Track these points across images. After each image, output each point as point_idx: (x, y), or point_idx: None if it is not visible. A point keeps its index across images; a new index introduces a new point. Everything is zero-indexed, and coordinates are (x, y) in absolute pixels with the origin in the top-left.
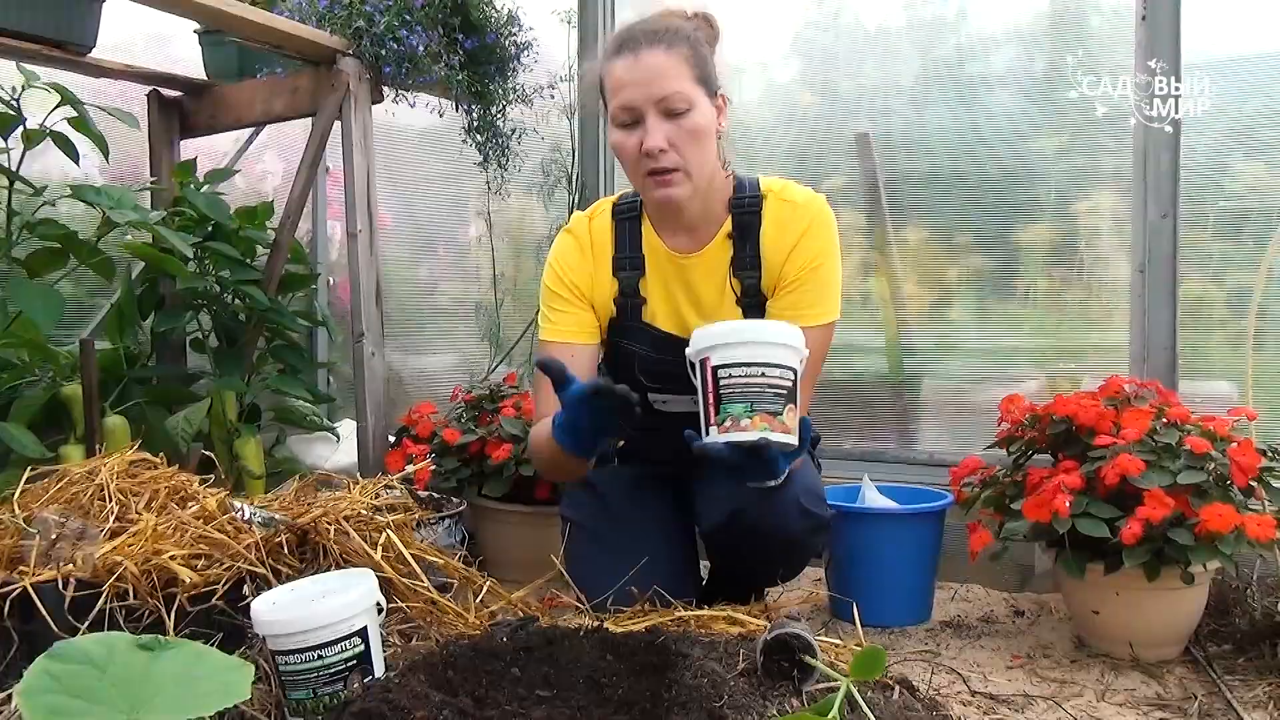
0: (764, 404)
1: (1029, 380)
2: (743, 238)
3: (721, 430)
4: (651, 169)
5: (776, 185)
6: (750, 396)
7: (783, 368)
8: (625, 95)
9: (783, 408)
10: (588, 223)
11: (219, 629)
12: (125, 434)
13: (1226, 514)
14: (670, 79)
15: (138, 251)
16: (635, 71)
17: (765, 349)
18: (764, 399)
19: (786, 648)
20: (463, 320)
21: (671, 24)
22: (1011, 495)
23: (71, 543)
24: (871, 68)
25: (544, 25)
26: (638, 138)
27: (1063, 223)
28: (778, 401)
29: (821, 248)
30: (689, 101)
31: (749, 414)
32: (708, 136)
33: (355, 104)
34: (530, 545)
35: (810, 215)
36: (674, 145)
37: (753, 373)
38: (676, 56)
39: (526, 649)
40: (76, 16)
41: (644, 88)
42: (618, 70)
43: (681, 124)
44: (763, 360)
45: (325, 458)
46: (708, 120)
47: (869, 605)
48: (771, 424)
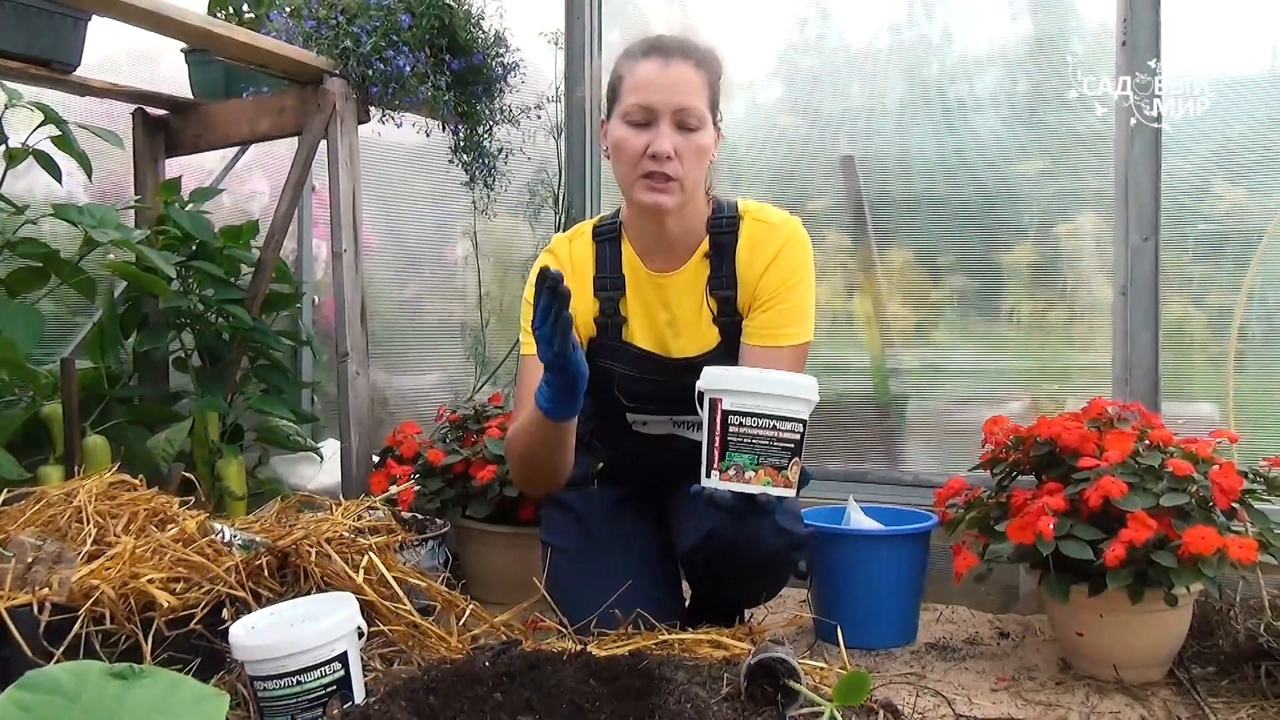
0: (771, 458)
1: (1013, 401)
2: (719, 257)
3: (724, 477)
4: (650, 171)
5: (753, 206)
6: (758, 449)
7: (794, 421)
8: (646, 96)
9: (788, 462)
10: (568, 244)
11: (197, 654)
12: (106, 454)
13: (1209, 536)
14: (693, 94)
15: (120, 271)
16: (663, 75)
17: (780, 402)
18: (771, 453)
19: (770, 672)
20: (448, 340)
21: (703, 45)
22: (996, 517)
23: (48, 566)
24: (856, 90)
25: (531, 46)
26: (646, 139)
27: (1046, 245)
28: (784, 456)
29: (795, 268)
30: (702, 121)
31: (754, 467)
32: (705, 159)
33: (341, 124)
34: (515, 566)
35: (785, 236)
36: (679, 156)
37: (764, 425)
38: (702, 76)
39: (509, 673)
40: (62, 35)
41: (667, 94)
42: (644, 70)
43: (691, 139)
44: (776, 413)
45: (309, 478)
46: (710, 144)
47: (854, 627)
48: (774, 478)
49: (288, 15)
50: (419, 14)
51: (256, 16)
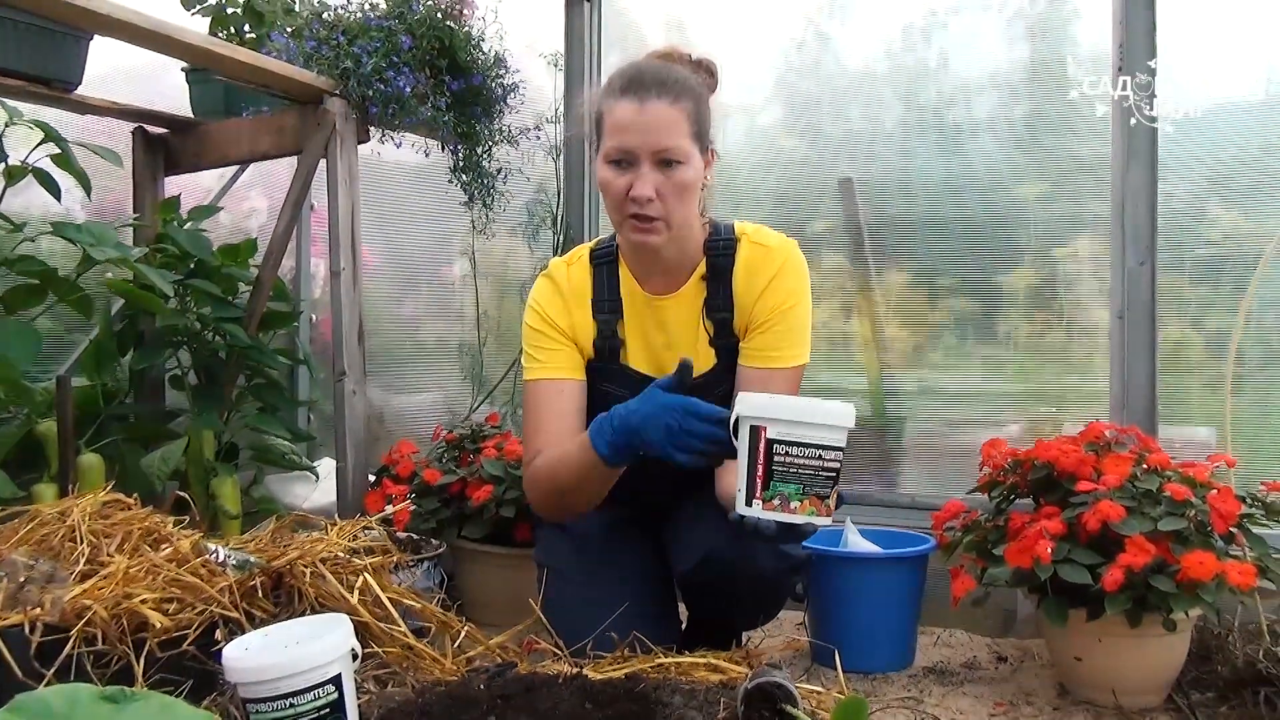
0: (816, 487)
1: (1011, 424)
2: (716, 279)
3: (767, 506)
4: (634, 213)
5: (750, 229)
6: (804, 480)
7: (837, 450)
8: (624, 139)
9: (831, 491)
10: (566, 269)
11: (190, 675)
12: (100, 473)
13: (1208, 561)
14: (671, 133)
15: (117, 289)
16: (640, 117)
17: (825, 431)
18: (817, 483)
19: (768, 697)
20: (445, 360)
21: (680, 75)
22: (993, 540)
23: (40, 586)
24: (855, 113)
25: (531, 68)
26: (627, 181)
27: (1043, 268)
28: (828, 485)
29: (792, 290)
30: (684, 156)
31: (800, 497)
32: (692, 191)
33: (341, 143)
34: (511, 587)
35: (782, 258)
36: (661, 196)
37: (810, 454)
38: (680, 111)
39: (504, 696)
40: (63, 54)
41: (644, 135)
42: (620, 111)
43: (672, 176)
44: (821, 443)
45: (304, 497)
46: (696, 175)
47: (851, 651)
48: (819, 508)
49: (289, 36)
50: (419, 35)
51: (258, 36)
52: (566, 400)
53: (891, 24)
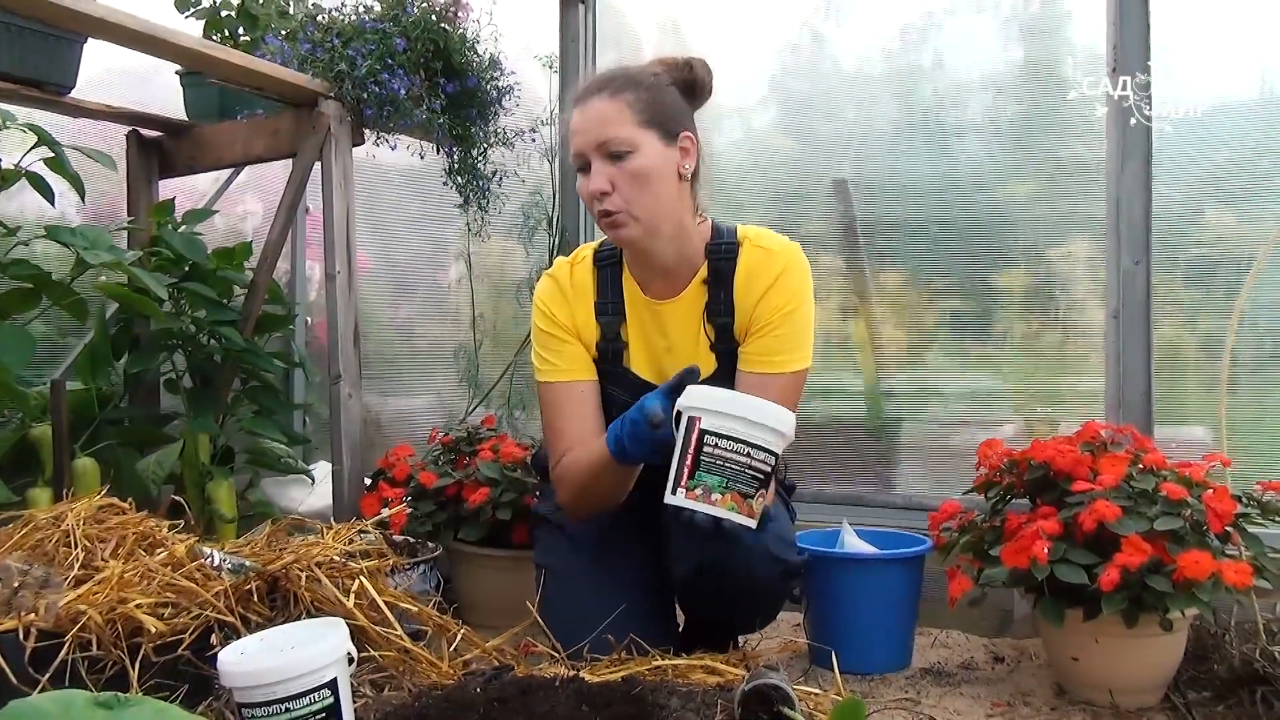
0: (739, 484)
1: (1006, 424)
2: (717, 283)
3: (689, 495)
4: (599, 210)
5: (753, 232)
6: (729, 474)
7: (768, 452)
8: (574, 143)
9: (755, 492)
10: (569, 269)
11: (185, 680)
12: (95, 476)
13: (1204, 561)
14: (610, 124)
15: (112, 292)
16: (582, 120)
17: (759, 430)
18: (741, 479)
19: (765, 699)
20: (441, 362)
21: (627, 71)
22: (990, 541)
23: (34, 591)
24: (850, 114)
25: (526, 69)
26: (586, 182)
27: (1039, 268)
28: (753, 485)
29: (793, 294)
30: (630, 145)
31: (722, 490)
32: (656, 179)
33: (336, 146)
34: (507, 590)
35: (784, 262)
36: (617, 188)
37: (739, 449)
38: (620, 102)
39: (500, 699)
40: (56, 57)
41: (584, 134)
42: (571, 120)
43: (624, 167)
44: (752, 440)
45: (300, 501)
46: (654, 163)
47: (848, 652)
48: (739, 505)
49: (283, 38)
50: (414, 38)
51: (252, 39)
52: (583, 402)
53: (887, 25)
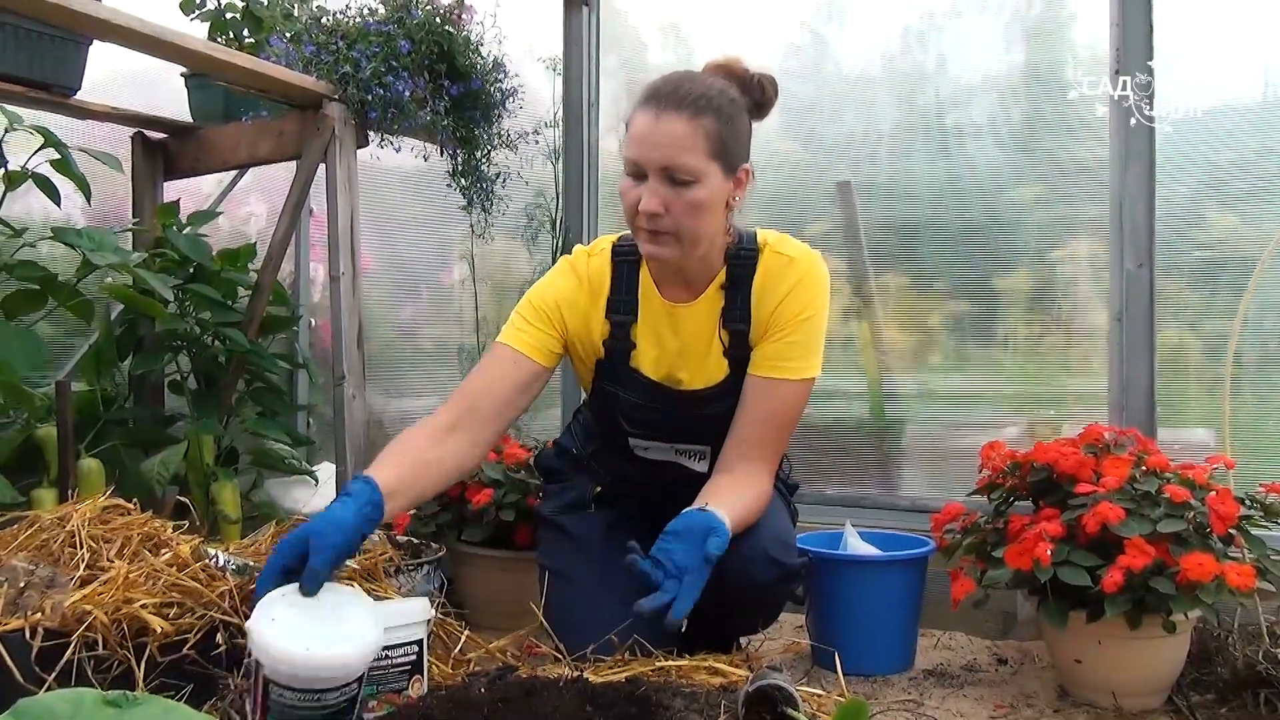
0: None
1: (1010, 426)
2: (735, 289)
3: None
4: (644, 226)
5: (773, 237)
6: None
7: (343, 687)
8: (634, 150)
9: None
10: (587, 259)
11: (190, 679)
12: (100, 477)
13: (1207, 563)
14: (681, 150)
15: (117, 294)
16: (652, 132)
17: (323, 680)
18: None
19: (768, 699)
20: (445, 363)
21: (706, 89)
22: (993, 543)
23: (40, 591)
24: (852, 116)
25: (529, 72)
26: (638, 194)
27: (1042, 270)
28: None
29: (810, 301)
30: (696, 175)
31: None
32: (710, 211)
33: (340, 148)
34: (511, 590)
35: (803, 270)
36: (670, 211)
37: (308, 698)
38: (696, 128)
39: (504, 700)
40: (63, 60)
41: (652, 150)
42: (637, 121)
43: (683, 194)
44: (321, 687)
45: (303, 501)
46: (713, 195)
47: (851, 653)
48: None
49: (288, 41)
50: (418, 40)
51: (256, 42)
52: (511, 375)
53: (889, 27)
